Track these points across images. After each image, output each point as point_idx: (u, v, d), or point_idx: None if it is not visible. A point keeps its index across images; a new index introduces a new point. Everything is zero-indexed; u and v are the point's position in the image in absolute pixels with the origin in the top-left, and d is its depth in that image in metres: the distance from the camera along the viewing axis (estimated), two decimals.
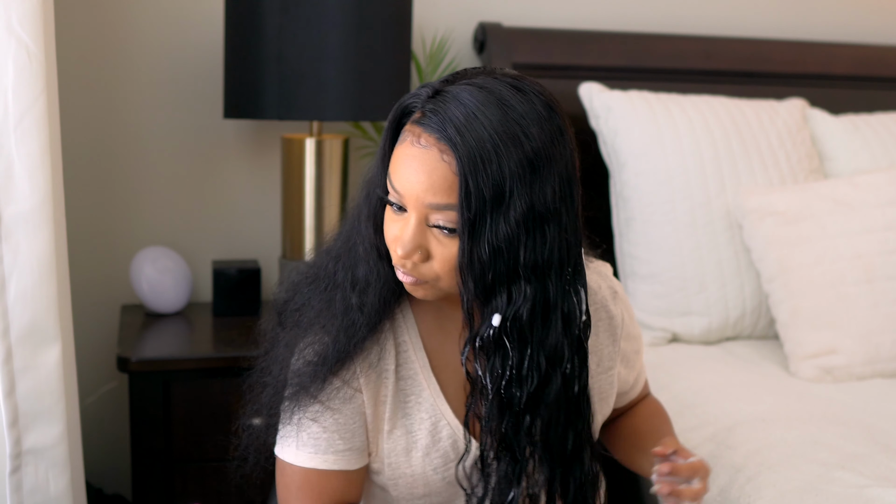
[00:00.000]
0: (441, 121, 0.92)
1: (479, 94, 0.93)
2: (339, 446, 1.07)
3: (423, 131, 0.93)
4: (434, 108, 0.93)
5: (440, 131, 0.92)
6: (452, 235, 0.95)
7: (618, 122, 2.01)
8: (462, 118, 0.91)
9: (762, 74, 2.30)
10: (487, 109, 0.92)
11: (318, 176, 1.95)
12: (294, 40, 1.79)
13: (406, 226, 0.96)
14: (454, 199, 0.93)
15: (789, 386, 1.74)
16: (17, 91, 1.34)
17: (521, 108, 0.93)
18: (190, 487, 1.80)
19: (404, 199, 0.95)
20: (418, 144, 0.93)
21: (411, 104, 0.97)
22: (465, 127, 0.91)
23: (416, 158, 0.93)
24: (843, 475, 1.33)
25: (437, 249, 0.96)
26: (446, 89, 0.95)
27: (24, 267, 1.37)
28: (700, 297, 1.93)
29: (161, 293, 1.97)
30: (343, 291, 1.05)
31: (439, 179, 0.93)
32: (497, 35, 2.15)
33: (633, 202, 1.98)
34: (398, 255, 0.97)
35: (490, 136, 0.91)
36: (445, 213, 0.94)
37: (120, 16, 2.04)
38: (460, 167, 0.91)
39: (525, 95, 0.94)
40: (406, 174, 0.94)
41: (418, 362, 1.10)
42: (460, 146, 0.91)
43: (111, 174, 2.08)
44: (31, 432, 1.41)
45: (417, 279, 0.99)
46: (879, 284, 1.83)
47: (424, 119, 0.94)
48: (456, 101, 0.92)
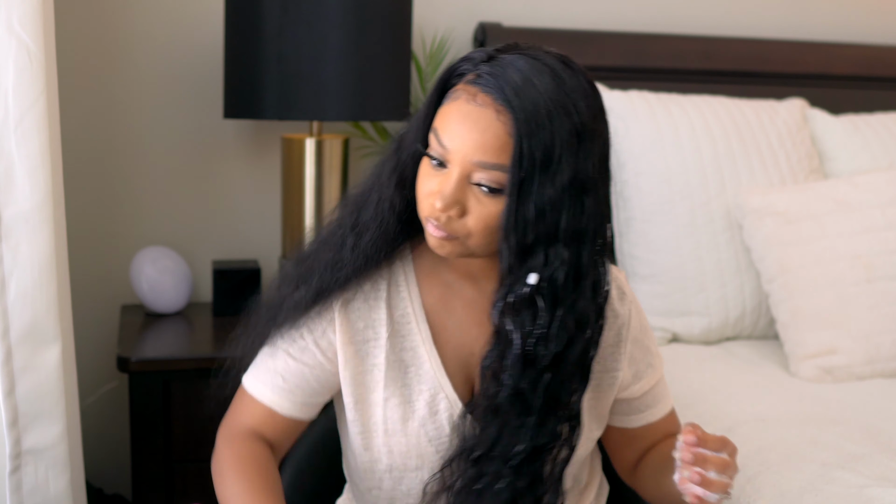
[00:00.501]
0: (499, 82, 0.95)
1: (534, 63, 0.96)
2: (278, 385, 1.13)
3: (480, 91, 0.96)
4: (491, 70, 0.97)
5: (498, 92, 0.95)
6: (492, 195, 0.97)
7: (618, 122, 2.01)
8: (520, 82, 0.95)
9: (762, 74, 2.30)
10: (542, 77, 0.95)
11: (318, 176, 1.95)
12: (294, 40, 1.79)
13: (448, 180, 0.98)
14: (502, 160, 0.95)
15: (789, 386, 1.74)
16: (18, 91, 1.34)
17: (571, 82, 0.97)
18: (190, 487, 1.80)
19: (450, 153, 0.98)
20: (474, 102, 0.96)
21: (463, 67, 1.00)
22: (522, 91, 0.94)
23: (471, 116, 0.96)
24: (843, 475, 1.33)
25: (474, 207, 0.98)
26: (500, 56, 0.98)
27: (24, 267, 1.37)
28: (700, 297, 1.93)
29: (161, 293, 1.97)
30: (343, 230, 1.09)
31: (492, 139, 0.95)
32: (497, 35, 2.15)
33: (633, 202, 1.98)
34: (435, 208, 0.99)
35: (545, 103, 0.94)
36: (490, 172, 0.96)
37: (120, 16, 2.04)
38: (516, 128, 0.94)
39: (573, 72, 0.99)
40: (458, 130, 0.97)
41: (421, 335, 1.11)
42: (518, 108, 0.94)
43: (111, 174, 2.08)
44: (31, 432, 1.41)
45: (448, 234, 1.01)
46: (879, 284, 1.83)
47: (480, 80, 0.97)
48: (512, 67, 0.96)
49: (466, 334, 1.12)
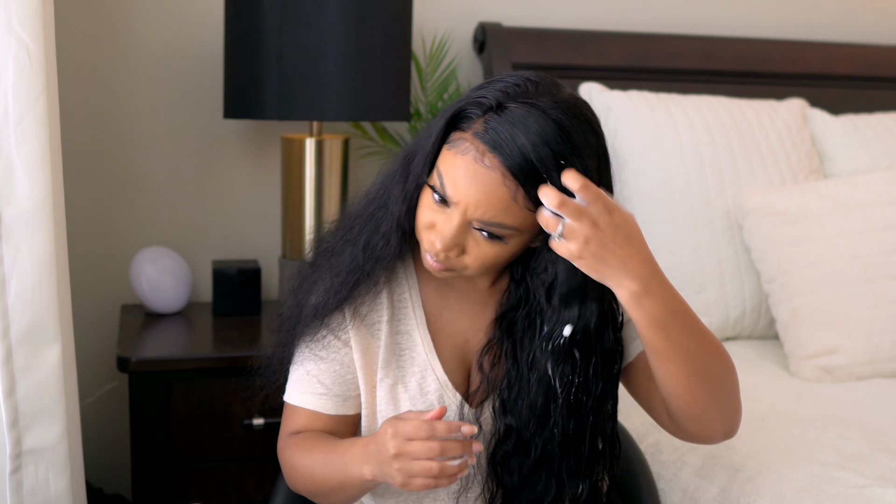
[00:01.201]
0: (507, 145, 0.96)
1: (542, 119, 0.96)
2: (317, 389, 1.15)
3: (488, 150, 0.97)
4: (498, 126, 0.97)
5: (504, 156, 0.96)
6: (491, 240, 1.02)
7: (618, 122, 2.01)
8: (528, 145, 0.96)
9: (762, 74, 2.30)
10: (549, 132, 0.96)
11: (318, 176, 1.95)
12: (294, 40, 1.79)
13: (449, 223, 1.01)
14: (502, 220, 0.99)
15: (789, 386, 1.74)
16: (18, 91, 1.34)
17: (577, 138, 0.97)
18: (190, 487, 1.80)
19: (455, 203, 1.00)
20: (482, 163, 0.98)
21: (471, 111, 1.00)
22: (529, 153, 0.95)
23: (478, 176, 0.98)
24: (843, 475, 1.33)
25: (472, 248, 1.03)
26: (510, 106, 0.98)
27: (24, 267, 1.37)
28: (700, 297, 1.93)
29: (161, 293, 1.97)
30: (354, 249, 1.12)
31: (496, 201, 0.98)
32: (497, 35, 2.15)
33: (633, 202, 1.98)
34: (435, 247, 1.03)
35: (552, 164, 0.95)
36: (492, 227, 1.00)
37: (120, 16, 2.04)
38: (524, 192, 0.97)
39: (581, 124, 0.99)
40: (464, 186, 0.99)
41: (416, 319, 1.16)
42: (524, 172, 0.96)
43: (111, 174, 2.08)
44: (31, 432, 1.41)
45: (446, 267, 1.06)
46: (879, 284, 1.83)
47: (488, 136, 0.97)
48: (522, 126, 0.96)
49: (459, 323, 1.17)
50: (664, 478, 1.46)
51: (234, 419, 1.79)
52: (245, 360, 1.73)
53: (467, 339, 1.17)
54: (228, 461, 1.81)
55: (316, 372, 1.15)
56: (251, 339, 1.86)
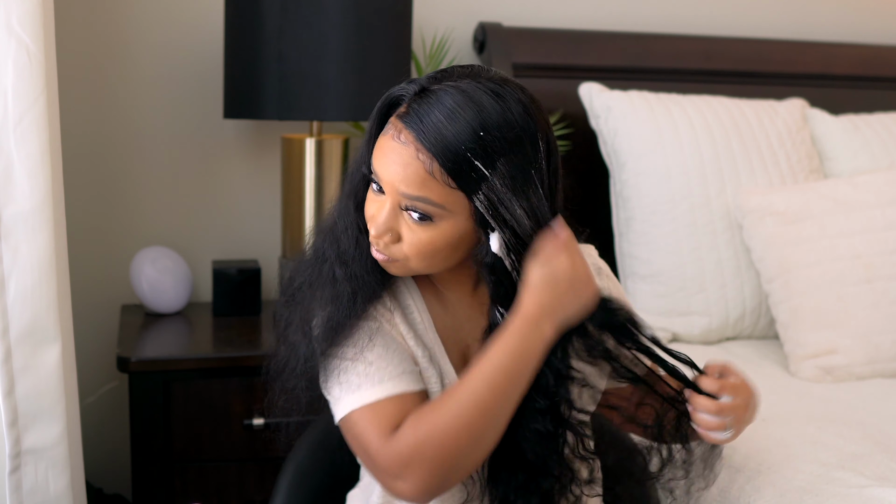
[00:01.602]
0: (421, 122, 1.01)
1: (460, 97, 1.01)
2: (391, 372, 1.06)
3: (405, 128, 1.02)
4: (417, 107, 1.02)
5: (418, 132, 1.00)
6: (421, 223, 1.03)
7: (618, 122, 2.01)
8: (442, 121, 1.00)
9: (762, 74, 2.30)
10: (467, 112, 1.00)
11: (318, 176, 1.95)
12: (294, 40, 1.79)
13: (382, 207, 1.04)
14: (423, 193, 1.01)
15: (789, 386, 1.74)
16: (17, 91, 1.34)
17: (496, 115, 1.00)
18: (190, 487, 1.80)
19: (383, 184, 1.04)
20: (398, 140, 1.02)
21: (400, 96, 1.05)
22: (443, 129, 0.99)
23: (395, 151, 1.02)
24: (843, 475, 1.33)
25: (406, 234, 1.04)
26: (432, 88, 1.03)
27: (23, 267, 1.37)
28: (700, 297, 1.93)
29: (161, 293, 1.97)
30: (330, 262, 1.11)
31: (412, 174, 1.01)
32: (497, 35, 2.15)
33: (633, 202, 1.98)
34: (372, 234, 1.06)
35: (465, 137, 0.99)
36: (415, 202, 1.02)
37: (120, 16, 2.04)
38: (439, 164, 0.99)
39: (504, 102, 1.02)
40: (385, 163, 1.03)
41: (424, 324, 1.14)
42: (437, 145, 0.99)
43: (111, 174, 2.08)
44: (31, 432, 1.41)
45: (389, 257, 1.07)
46: (879, 284, 1.83)
47: (407, 116, 1.02)
48: (438, 104, 1.01)
49: (462, 329, 1.16)
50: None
51: (234, 419, 1.79)
52: (245, 360, 1.75)
53: (469, 345, 1.16)
54: (228, 461, 1.81)
55: (376, 360, 1.06)
56: (251, 339, 1.86)
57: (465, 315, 1.17)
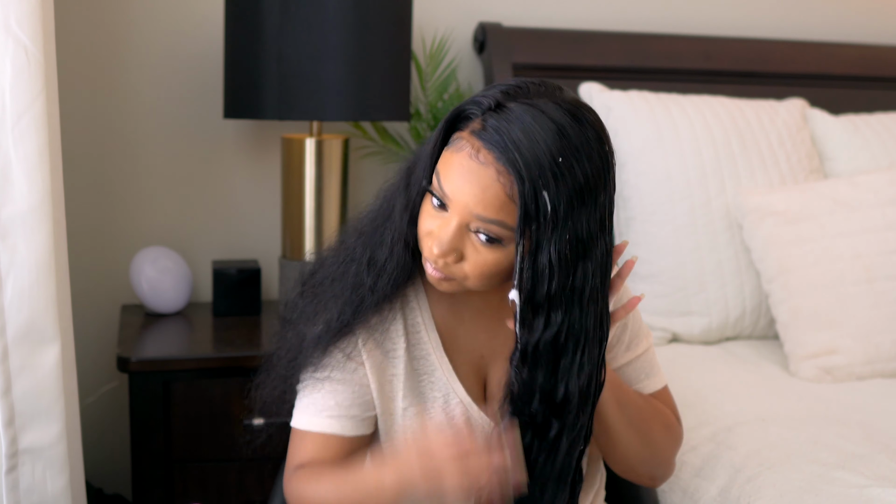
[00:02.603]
0: (502, 141, 0.95)
1: (540, 118, 0.95)
2: (333, 411, 1.11)
3: (483, 147, 0.96)
4: (496, 124, 0.96)
5: (501, 152, 0.94)
6: (489, 245, 0.98)
7: (618, 122, 2.01)
8: (524, 142, 0.94)
9: (762, 74, 2.30)
10: (548, 136, 0.94)
11: (318, 176, 1.95)
12: (294, 40, 1.79)
13: (446, 227, 0.99)
14: (500, 217, 0.96)
15: (789, 386, 1.73)
16: (15, 91, 1.34)
17: (577, 139, 0.95)
18: (190, 487, 1.80)
19: (451, 203, 0.99)
20: (476, 159, 0.96)
21: (470, 111, 0.99)
22: (525, 152, 0.94)
23: (474, 173, 0.96)
24: (843, 475, 1.33)
25: (471, 254, 1.00)
26: (508, 105, 0.97)
27: (21, 267, 1.37)
28: (700, 297, 1.93)
29: (161, 293, 1.97)
30: (358, 267, 1.09)
31: (492, 197, 0.96)
32: (497, 35, 2.15)
33: (633, 202, 1.98)
34: (433, 253, 1.00)
35: (549, 164, 0.94)
36: (488, 226, 0.97)
37: (120, 16, 2.04)
38: (518, 192, 0.94)
39: (582, 127, 0.96)
40: (459, 183, 0.97)
41: (431, 343, 1.13)
42: (519, 172, 0.94)
43: (111, 174, 2.08)
44: (28, 432, 1.41)
45: (446, 276, 1.02)
46: (879, 284, 1.83)
47: (485, 133, 0.96)
48: (519, 122, 0.95)
49: (476, 340, 1.15)
50: None
51: (234, 419, 1.79)
52: (245, 361, 1.75)
53: (483, 356, 1.15)
54: (228, 461, 1.81)
55: (330, 392, 1.11)
56: (251, 339, 1.86)
57: (482, 326, 1.15)
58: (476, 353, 1.15)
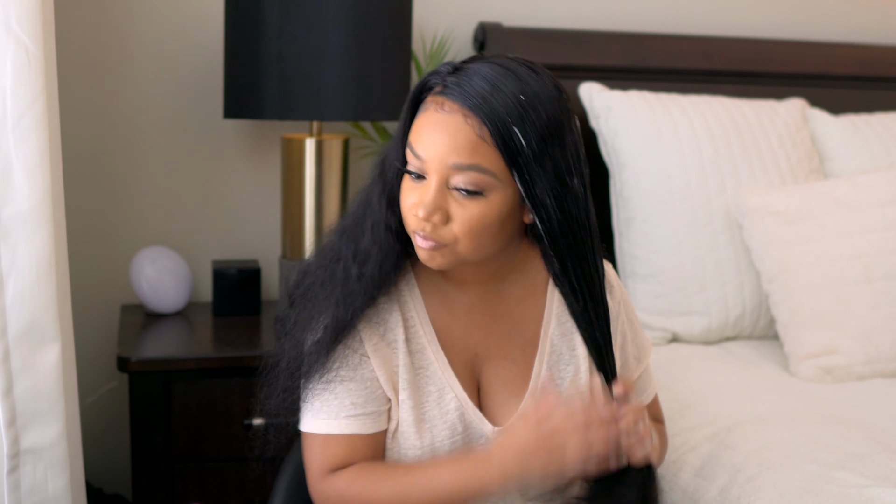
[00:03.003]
0: (464, 89, 1.00)
1: (498, 69, 1.01)
2: (350, 411, 1.10)
3: (447, 99, 1.01)
4: (457, 80, 1.01)
5: (463, 98, 0.99)
6: (471, 198, 1.01)
7: (618, 122, 2.01)
8: (485, 87, 0.99)
9: (762, 74, 2.30)
10: (507, 80, 1.00)
11: (318, 176, 1.95)
12: (294, 40, 1.79)
13: (427, 189, 1.02)
14: (475, 160, 0.99)
15: (789, 386, 1.73)
16: (16, 91, 1.34)
17: (535, 84, 1.01)
18: (190, 487, 1.80)
19: (426, 163, 1.02)
20: (442, 111, 1.01)
21: (432, 81, 1.04)
22: (488, 94, 0.99)
23: (441, 122, 1.00)
24: (843, 475, 1.33)
25: (456, 211, 1.02)
26: (466, 66, 1.03)
27: (22, 267, 1.37)
28: (700, 297, 1.93)
29: (161, 293, 1.97)
30: (345, 262, 1.10)
31: (463, 140, 0.99)
32: (497, 35, 2.15)
33: (633, 202, 1.98)
34: (419, 218, 1.02)
35: (511, 103, 0.99)
36: (466, 174, 1.00)
37: (120, 16, 2.04)
38: (491, 130, 0.98)
39: (538, 75, 1.03)
40: (430, 137, 1.01)
41: (426, 337, 1.13)
42: (485, 110, 0.98)
43: (111, 174, 2.08)
44: (30, 432, 1.41)
45: (437, 243, 1.03)
46: (879, 284, 1.83)
47: (447, 90, 1.01)
48: (477, 75, 1.01)
49: (470, 337, 1.15)
50: (664, 478, 1.46)
51: (234, 419, 1.79)
52: (245, 361, 1.75)
53: (477, 354, 1.15)
54: (228, 461, 1.81)
55: (343, 393, 1.10)
56: (251, 339, 1.86)
57: (477, 321, 1.15)
58: (470, 351, 1.15)
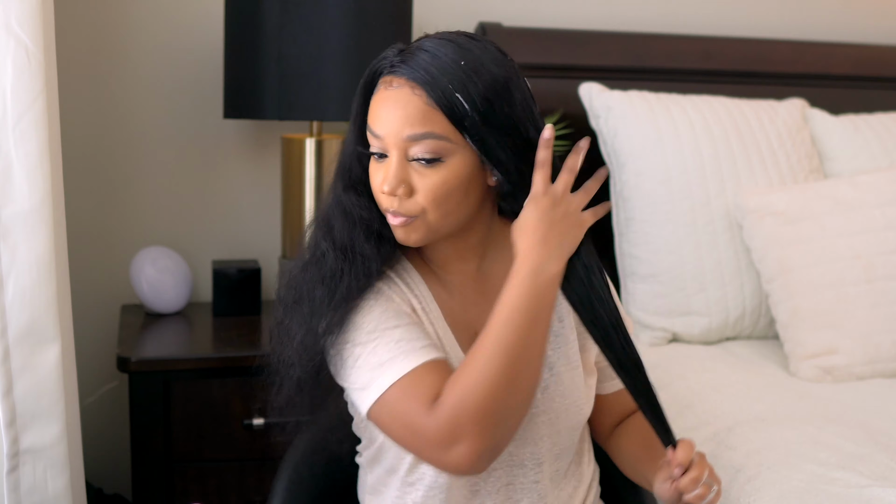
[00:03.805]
0: (408, 65, 1.04)
1: (440, 42, 1.06)
2: (417, 344, 1.05)
3: (394, 77, 1.05)
4: (401, 59, 1.06)
5: (409, 72, 1.04)
6: (431, 166, 1.05)
7: (618, 122, 2.01)
8: (427, 58, 1.04)
9: (762, 74, 2.30)
10: (448, 50, 1.04)
11: (318, 176, 1.95)
12: (294, 40, 1.79)
13: (389, 165, 1.06)
14: (428, 128, 1.03)
15: (789, 386, 1.73)
16: (16, 91, 1.34)
17: (477, 50, 1.06)
18: (190, 487, 1.80)
19: (384, 139, 1.06)
20: (391, 87, 1.05)
21: (380, 66, 1.08)
22: (430, 65, 1.03)
23: (390, 98, 1.05)
24: (843, 475, 1.33)
25: (419, 182, 1.06)
26: (410, 45, 1.08)
27: (22, 267, 1.37)
28: (700, 297, 1.93)
29: (161, 293, 1.97)
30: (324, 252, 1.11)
31: (413, 111, 1.03)
32: (497, 35, 2.15)
33: (633, 202, 1.98)
34: (385, 193, 1.06)
35: (453, 67, 1.03)
36: (422, 143, 1.04)
37: (120, 16, 2.04)
38: (435, 96, 1.02)
39: (480, 42, 1.07)
40: (383, 114, 1.05)
41: (433, 314, 1.15)
42: (428, 78, 1.03)
43: (111, 174, 2.08)
44: (29, 432, 1.41)
45: (406, 217, 1.07)
46: (879, 284, 1.83)
47: (394, 69, 1.06)
48: (420, 50, 1.05)
49: (468, 314, 1.17)
50: None
51: (234, 419, 1.79)
52: (245, 360, 1.75)
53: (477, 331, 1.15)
54: (228, 461, 1.81)
55: (401, 334, 1.05)
56: (251, 339, 1.86)
57: (470, 300, 1.16)
58: (470, 329, 1.16)
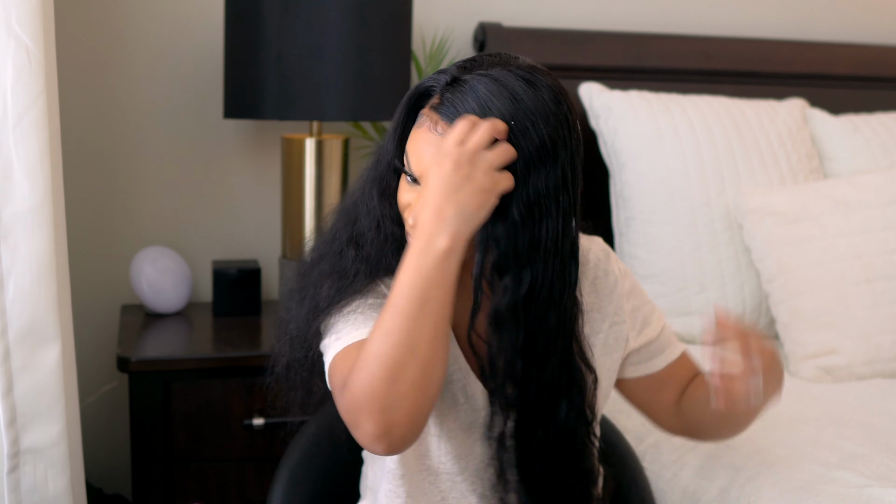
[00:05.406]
0: (457, 112, 1.00)
1: (493, 86, 1.00)
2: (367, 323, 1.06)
3: (440, 119, 1.01)
4: (451, 97, 1.01)
5: (454, 119, 1.00)
6: None
7: (618, 122, 2.01)
8: (477, 111, 0.99)
9: (762, 74, 2.30)
10: (500, 102, 0.99)
11: (318, 176, 1.95)
12: (294, 40, 1.79)
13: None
14: None
15: (789, 386, 1.72)
16: (17, 91, 1.34)
17: (531, 102, 1.00)
18: (190, 487, 1.80)
19: (418, 175, 1.04)
20: (435, 131, 1.02)
21: (431, 88, 1.05)
22: (479, 117, 0.99)
23: (433, 144, 1.01)
24: (843, 475, 1.33)
25: None
26: (463, 78, 1.02)
27: (22, 267, 1.37)
28: (700, 297, 1.93)
29: (161, 293, 1.97)
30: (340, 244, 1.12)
31: None
32: (497, 35, 2.15)
33: (633, 202, 1.98)
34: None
35: None
36: None
37: (120, 16, 2.04)
38: None
39: (536, 90, 1.01)
40: (423, 155, 1.02)
41: None
42: None
43: (111, 174, 2.08)
44: (30, 432, 1.41)
45: None
46: (879, 284, 1.83)
47: (442, 107, 1.02)
48: (472, 93, 1.00)
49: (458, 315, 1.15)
50: (664, 478, 1.46)
51: (234, 419, 1.79)
52: (245, 360, 1.75)
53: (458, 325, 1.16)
54: (228, 461, 1.81)
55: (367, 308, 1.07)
56: (251, 339, 1.86)
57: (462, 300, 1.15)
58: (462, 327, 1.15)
